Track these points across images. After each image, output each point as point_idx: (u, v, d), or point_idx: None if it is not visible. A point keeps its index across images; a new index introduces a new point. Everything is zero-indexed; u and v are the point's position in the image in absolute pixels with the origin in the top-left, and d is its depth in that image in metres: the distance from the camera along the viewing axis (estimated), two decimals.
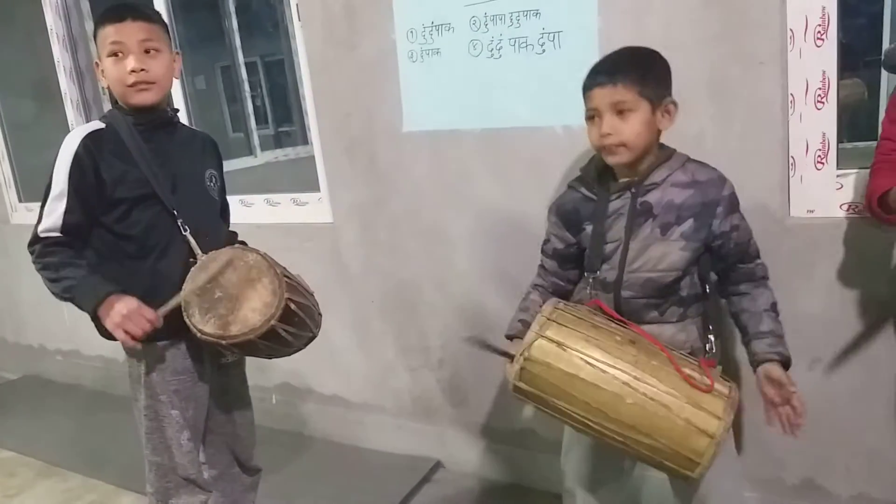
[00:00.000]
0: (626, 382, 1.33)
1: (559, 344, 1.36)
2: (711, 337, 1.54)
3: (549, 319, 1.40)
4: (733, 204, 1.50)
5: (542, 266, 1.73)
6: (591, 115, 1.48)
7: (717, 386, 1.36)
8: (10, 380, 4.09)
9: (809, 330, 1.79)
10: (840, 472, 1.89)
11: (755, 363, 1.48)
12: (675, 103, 1.48)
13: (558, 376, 1.36)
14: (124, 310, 1.51)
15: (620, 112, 1.44)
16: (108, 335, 1.58)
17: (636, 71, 1.45)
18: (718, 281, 1.59)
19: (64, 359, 3.87)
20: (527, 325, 1.68)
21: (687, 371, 1.35)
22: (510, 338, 1.66)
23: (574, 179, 1.64)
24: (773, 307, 1.51)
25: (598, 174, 1.57)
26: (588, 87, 1.49)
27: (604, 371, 1.34)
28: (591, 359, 1.35)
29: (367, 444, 2.76)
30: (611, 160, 1.49)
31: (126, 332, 1.51)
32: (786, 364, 1.46)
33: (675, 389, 1.33)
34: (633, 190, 1.50)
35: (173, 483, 1.73)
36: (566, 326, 1.39)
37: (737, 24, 1.76)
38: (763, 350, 1.47)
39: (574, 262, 1.67)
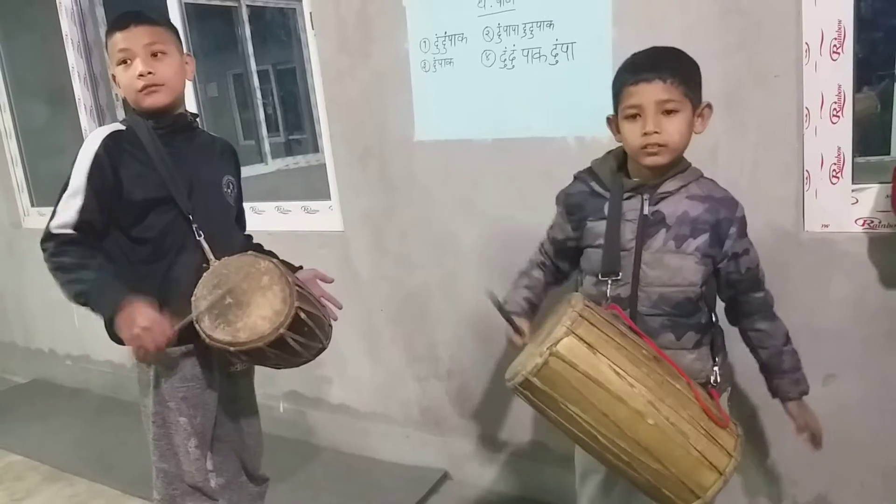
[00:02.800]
0: (650, 401, 1.25)
1: (590, 346, 1.26)
2: (716, 368, 1.50)
3: (580, 316, 1.28)
4: (744, 227, 1.47)
5: (542, 246, 1.68)
6: (634, 114, 1.38)
7: (730, 422, 1.34)
8: (20, 384, 4.10)
9: (824, 345, 1.78)
10: (854, 488, 1.87)
11: (781, 399, 1.55)
12: (710, 107, 1.44)
13: (580, 380, 1.25)
14: (144, 322, 1.47)
15: (665, 112, 1.36)
16: (118, 340, 1.57)
17: (681, 69, 1.38)
18: (728, 310, 1.56)
19: (73, 363, 3.88)
20: (531, 304, 1.62)
21: (706, 402, 1.32)
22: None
23: (584, 171, 1.58)
24: (789, 339, 1.53)
25: (613, 171, 1.51)
26: (630, 82, 1.38)
27: (631, 385, 1.25)
28: (620, 369, 1.26)
29: (374, 453, 2.75)
30: (649, 161, 1.40)
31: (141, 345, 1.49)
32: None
33: (694, 418, 1.28)
34: (645, 196, 1.45)
35: (180, 490, 1.72)
36: (596, 328, 1.29)
37: (752, 37, 1.75)
38: (789, 389, 1.53)
39: (566, 257, 1.62)
